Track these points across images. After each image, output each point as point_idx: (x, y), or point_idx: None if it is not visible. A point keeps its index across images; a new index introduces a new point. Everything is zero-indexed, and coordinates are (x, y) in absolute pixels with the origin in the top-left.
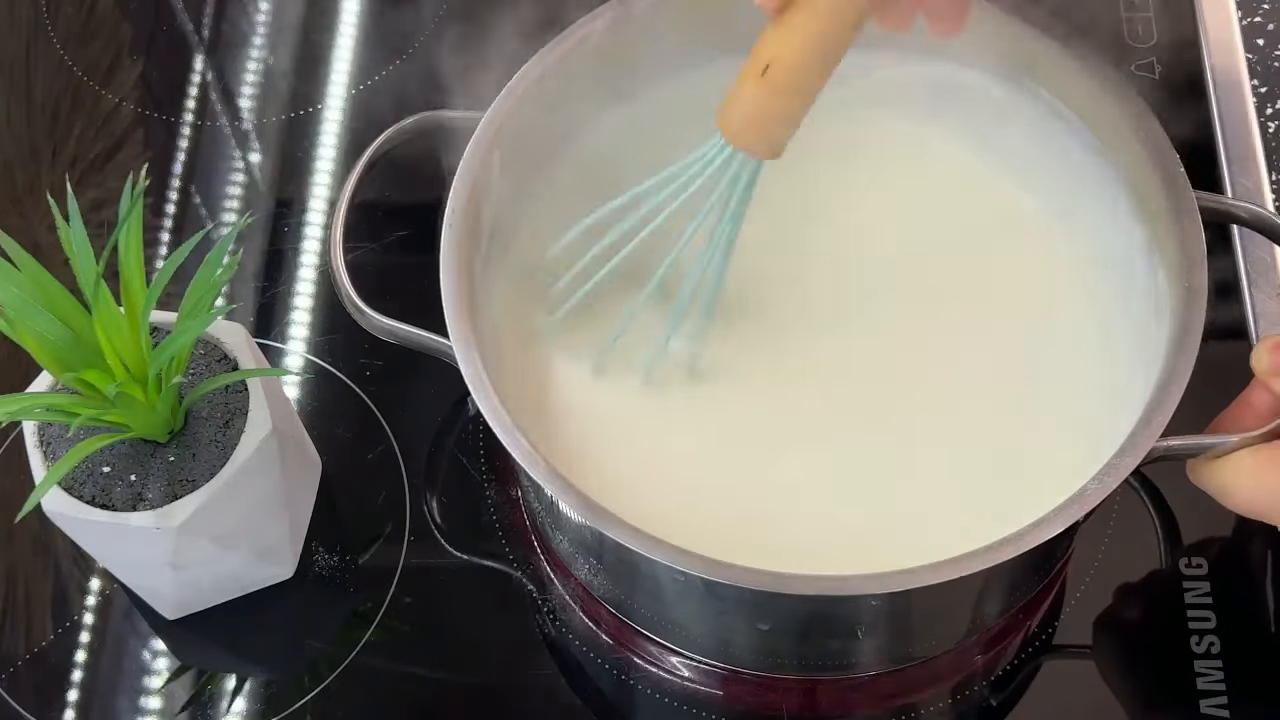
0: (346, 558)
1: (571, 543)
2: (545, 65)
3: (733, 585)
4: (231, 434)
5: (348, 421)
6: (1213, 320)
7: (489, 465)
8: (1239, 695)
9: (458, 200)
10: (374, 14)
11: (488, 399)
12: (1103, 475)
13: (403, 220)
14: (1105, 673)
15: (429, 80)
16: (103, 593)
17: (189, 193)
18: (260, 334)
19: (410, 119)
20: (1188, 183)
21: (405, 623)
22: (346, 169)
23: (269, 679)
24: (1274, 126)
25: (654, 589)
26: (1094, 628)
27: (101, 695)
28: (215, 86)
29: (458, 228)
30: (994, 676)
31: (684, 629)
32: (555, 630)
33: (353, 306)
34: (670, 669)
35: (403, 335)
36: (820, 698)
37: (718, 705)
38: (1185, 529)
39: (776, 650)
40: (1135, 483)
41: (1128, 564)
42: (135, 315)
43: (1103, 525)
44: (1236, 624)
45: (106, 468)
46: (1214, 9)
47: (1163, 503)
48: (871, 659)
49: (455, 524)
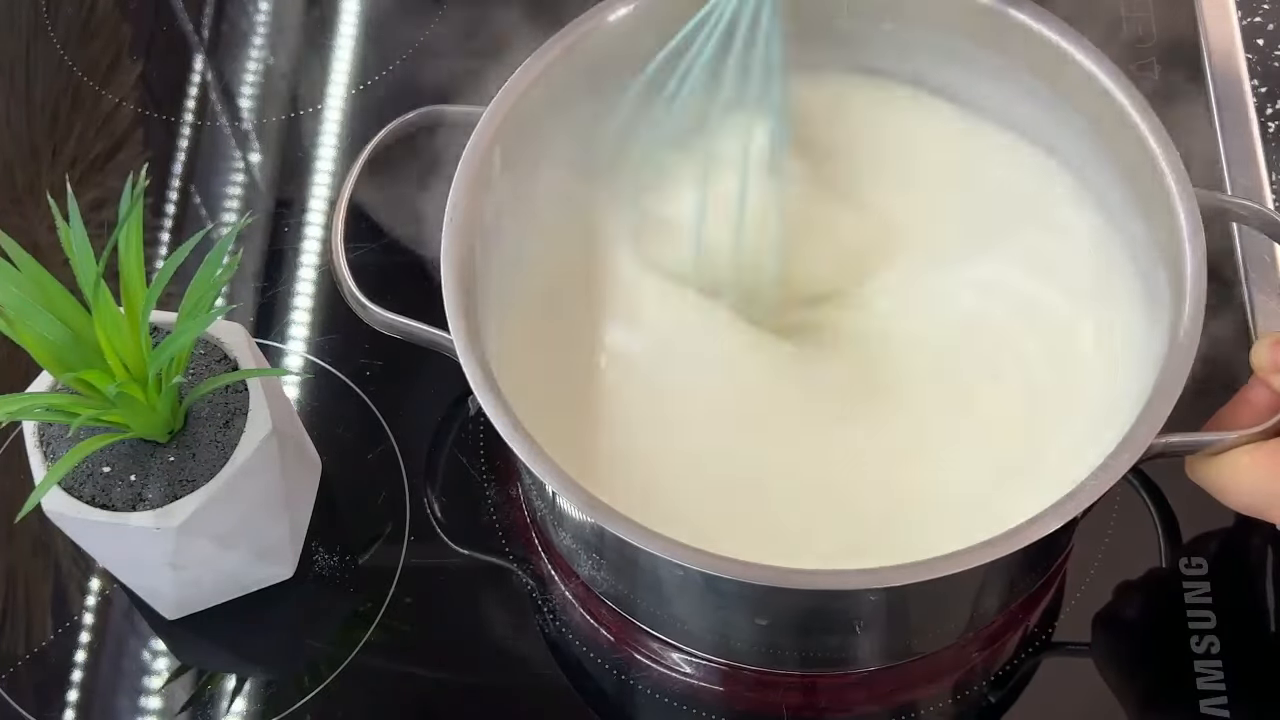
0: (346, 558)
1: (573, 539)
2: (547, 61)
3: (733, 580)
4: (231, 434)
5: (348, 421)
6: (1212, 318)
7: (489, 465)
8: (1239, 695)
9: (458, 194)
10: (374, 14)
11: (489, 394)
12: (1100, 472)
13: (402, 221)
14: (1105, 671)
15: (429, 80)
16: (103, 593)
17: (189, 193)
18: (260, 334)
19: (413, 113)
20: (1187, 179)
21: (405, 623)
22: (346, 169)
23: (269, 679)
24: (1274, 126)
25: (655, 584)
26: (1093, 626)
27: (101, 695)
28: (215, 86)
29: (458, 221)
30: (993, 674)
31: (685, 624)
32: (556, 630)
33: (354, 301)
34: (671, 666)
35: (405, 329)
36: (820, 694)
37: (718, 702)
38: (1185, 528)
39: (776, 645)
40: (1135, 481)
41: (1128, 563)
42: (135, 315)
43: (1103, 523)
44: (1236, 624)
45: (106, 468)
46: (1214, 9)
47: (1163, 501)
48: (871, 655)
49: (455, 523)
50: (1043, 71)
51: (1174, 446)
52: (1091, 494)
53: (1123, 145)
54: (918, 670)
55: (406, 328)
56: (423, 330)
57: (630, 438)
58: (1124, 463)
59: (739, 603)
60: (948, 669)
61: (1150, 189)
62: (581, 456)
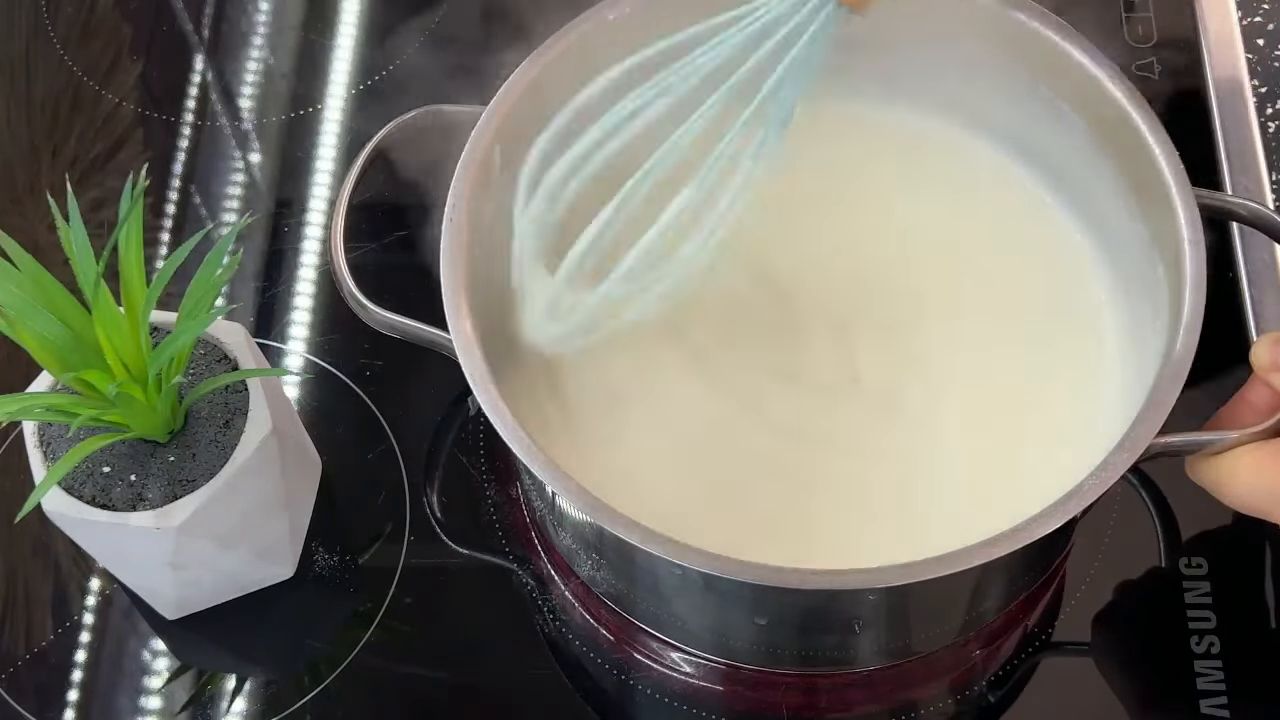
0: (346, 558)
1: (573, 539)
2: (546, 61)
3: (731, 580)
4: (231, 434)
5: (348, 421)
6: (1212, 317)
7: (489, 465)
8: (1239, 695)
9: (457, 194)
10: (374, 14)
11: (488, 394)
12: (1100, 471)
13: (402, 221)
14: (1104, 671)
15: (429, 80)
16: (103, 593)
17: (189, 193)
18: (260, 334)
19: (412, 112)
20: (1187, 179)
21: (405, 623)
22: (346, 169)
23: (269, 679)
24: (1274, 126)
25: (654, 584)
26: (1093, 626)
27: (101, 695)
28: (215, 86)
29: (458, 221)
30: (993, 674)
31: (684, 624)
32: (555, 629)
33: (354, 301)
34: (671, 665)
35: (404, 329)
36: (819, 694)
37: (718, 702)
38: (1185, 528)
39: (776, 645)
40: (1134, 480)
41: (1128, 562)
42: (135, 315)
43: (1103, 523)
44: (1236, 624)
45: (106, 468)
46: (1214, 9)
47: (1163, 501)
48: (871, 654)
49: (455, 523)
50: (1040, 69)
51: (1174, 446)
52: (1092, 493)
53: (1122, 145)
54: (918, 670)
55: (406, 327)
56: (422, 330)
57: (629, 436)
58: (1123, 462)
59: (737, 603)
60: (947, 668)
61: (1150, 189)
62: (581, 456)
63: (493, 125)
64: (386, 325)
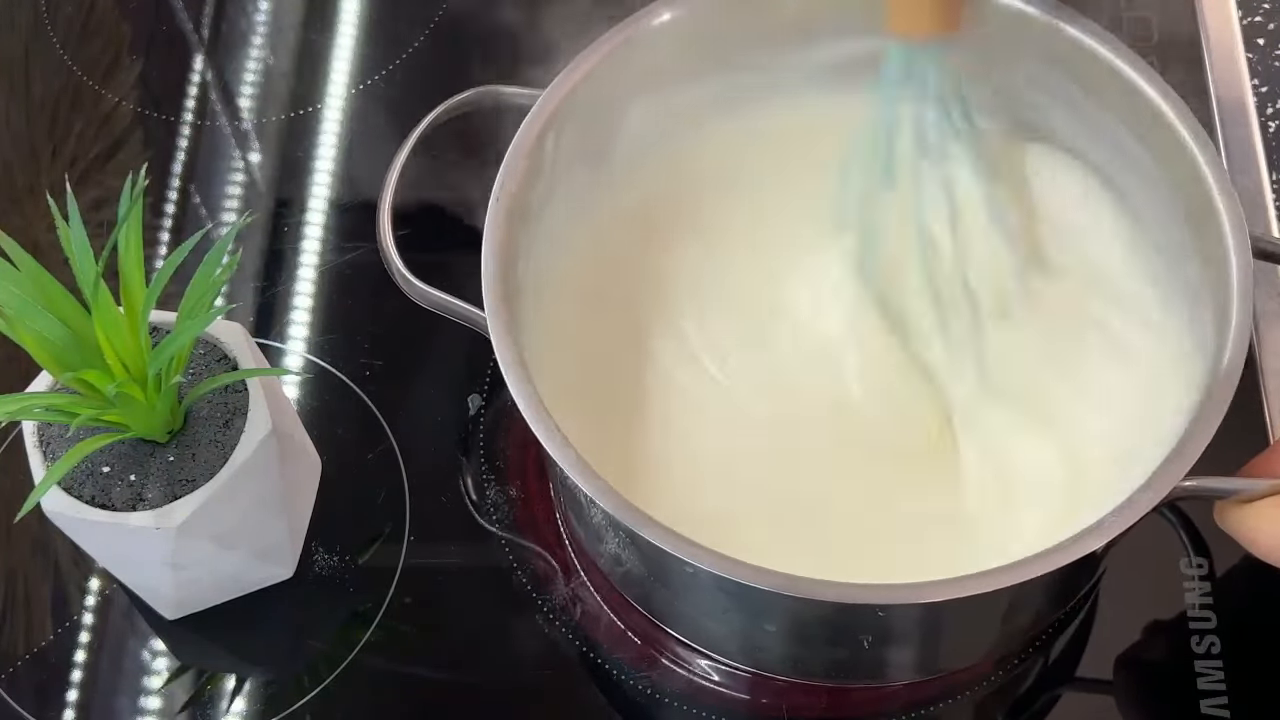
0: (346, 558)
1: (595, 531)
2: (604, 50)
3: (758, 589)
4: (231, 434)
5: (348, 421)
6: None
7: (489, 465)
8: (1239, 695)
9: (506, 176)
10: (374, 14)
11: (519, 383)
12: (1123, 509)
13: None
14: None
15: (428, 80)
16: (103, 593)
17: (189, 193)
18: (260, 334)
19: (467, 92)
20: (1245, 226)
21: (405, 623)
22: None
23: (269, 679)
24: (1274, 126)
25: (677, 583)
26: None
27: (101, 695)
28: (215, 86)
29: (505, 203)
30: (1002, 669)
31: (694, 624)
32: (555, 630)
33: (402, 279)
34: (672, 665)
35: (448, 306)
36: (831, 702)
37: (718, 702)
38: (1185, 528)
39: (786, 651)
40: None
41: (1135, 570)
42: (135, 315)
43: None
44: (1236, 624)
45: (106, 468)
46: (1214, 9)
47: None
48: (893, 670)
49: (455, 523)
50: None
51: (1204, 489)
52: (1112, 529)
53: (1180, 181)
54: (942, 685)
55: (451, 305)
56: (463, 308)
57: (661, 435)
58: (1148, 500)
59: (752, 609)
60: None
61: (1204, 227)
62: (607, 449)
63: (547, 111)
64: (430, 301)
